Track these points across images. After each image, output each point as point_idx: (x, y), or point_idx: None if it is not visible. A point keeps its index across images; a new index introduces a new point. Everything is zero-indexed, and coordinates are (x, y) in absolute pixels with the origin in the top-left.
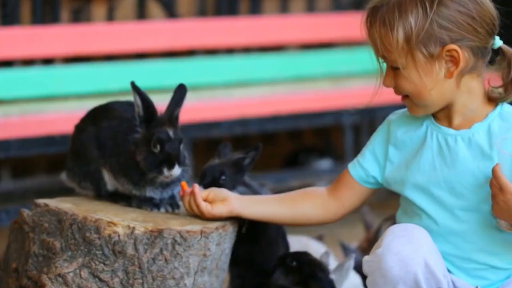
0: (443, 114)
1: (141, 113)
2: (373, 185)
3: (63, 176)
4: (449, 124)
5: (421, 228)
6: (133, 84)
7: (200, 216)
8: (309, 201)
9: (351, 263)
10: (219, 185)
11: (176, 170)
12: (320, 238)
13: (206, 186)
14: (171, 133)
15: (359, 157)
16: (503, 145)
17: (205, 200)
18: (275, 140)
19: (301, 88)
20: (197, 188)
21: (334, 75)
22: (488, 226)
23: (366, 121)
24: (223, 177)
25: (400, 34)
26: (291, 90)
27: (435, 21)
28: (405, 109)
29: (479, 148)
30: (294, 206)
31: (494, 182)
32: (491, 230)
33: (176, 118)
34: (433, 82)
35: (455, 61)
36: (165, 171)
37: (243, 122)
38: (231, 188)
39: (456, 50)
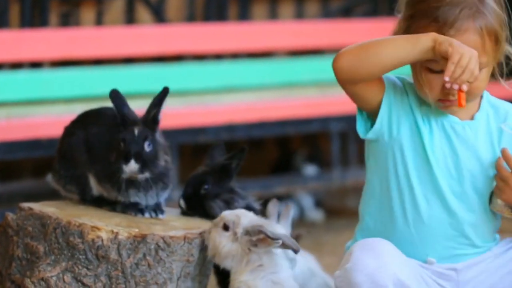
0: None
1: (119, 118)
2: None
3: (49, 177)
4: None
5: (387, 242)
6: (110, 94)
7: None
8: None
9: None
10: (200, 195)
11: (132, 165)
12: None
13: (186, 198)
14: (136, 131)
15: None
16: (510, 128)
17: None
18: (262, 146)
19: (289, 94)
20: None
21: (322, 82)
22: (479, 213)
23: (353, 128)
24: (206, 187)
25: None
26: (279, 97)
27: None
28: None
29: (486, 135)
30: None
31: (502, 166)
32: (481, 219)
33: (153, 118)
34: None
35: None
36: (123, 166)
37: (230, 128)
38: (214, 197)
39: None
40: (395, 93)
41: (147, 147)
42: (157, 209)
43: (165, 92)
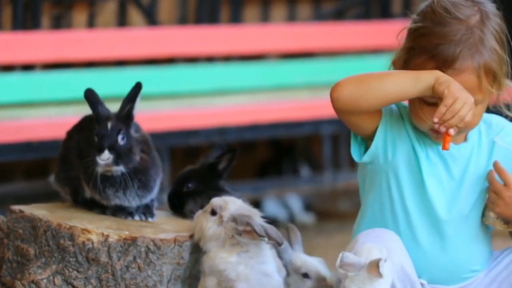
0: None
1: (94, 117)
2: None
3: (51, 178)
4: None
5: (392, 232)
6: (84, 94)
7: None
8: None
9: None
10: (183, 194)
11: (106, 155)
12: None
13: (169, 197)
14: (109, 125)
15: None
16: (503, 141)
17: None
18: (254, 149)
19: (280, 97)
20: None
21: (314, 85)
22: (475, 234)
23: (345, 131)
24: (189, 185)
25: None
26: (270, 99)
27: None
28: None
29: (478, 151)
30: None
31: (494, 179)
32: (476, 241)
33: (127, 114)
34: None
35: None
36: (96, 158)
37: (222, 130)
38: (196, 195)
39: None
40: (391, 118)
41: (120, 140)
42: (147, 212)
43: (138, 87)
